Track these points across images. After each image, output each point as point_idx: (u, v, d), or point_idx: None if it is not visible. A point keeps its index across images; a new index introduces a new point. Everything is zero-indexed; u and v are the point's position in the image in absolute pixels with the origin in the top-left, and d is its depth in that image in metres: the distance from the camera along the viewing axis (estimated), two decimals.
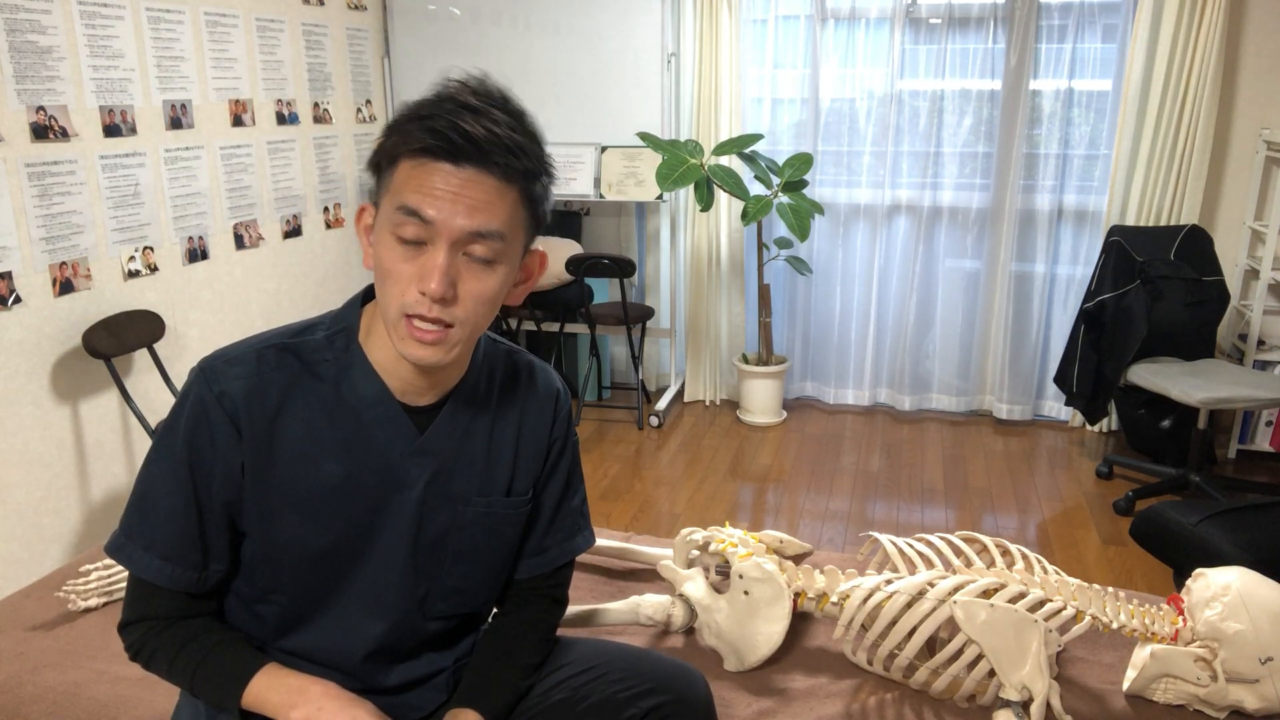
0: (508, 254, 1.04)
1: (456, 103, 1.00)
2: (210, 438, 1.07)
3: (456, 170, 0.98)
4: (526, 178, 1.02)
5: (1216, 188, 3.78)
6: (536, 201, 1.06)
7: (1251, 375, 3.24)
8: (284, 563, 1.12)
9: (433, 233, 0.99)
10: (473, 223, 0.99)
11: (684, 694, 1.21)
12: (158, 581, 1.08)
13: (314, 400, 1.10)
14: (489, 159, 0.99)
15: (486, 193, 0.99)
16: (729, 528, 1.80)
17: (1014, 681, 1.50)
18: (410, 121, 1.00)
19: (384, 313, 1.04)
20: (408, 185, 0.99)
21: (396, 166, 1.01)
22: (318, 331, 1.13)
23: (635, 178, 4.04)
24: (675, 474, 3.63)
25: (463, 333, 1.04)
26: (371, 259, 1.06)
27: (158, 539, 1.08)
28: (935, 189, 4.06)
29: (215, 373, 1.08)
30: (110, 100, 2.79)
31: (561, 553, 1.28)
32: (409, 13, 4.17)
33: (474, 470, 1.17)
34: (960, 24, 3.91)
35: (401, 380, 1.11)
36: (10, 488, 2.55)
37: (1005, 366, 4.12)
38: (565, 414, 1.26)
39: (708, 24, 3.98)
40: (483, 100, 1.01)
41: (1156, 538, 2.38)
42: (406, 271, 1.00)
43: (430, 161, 0.99)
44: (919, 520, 3.24)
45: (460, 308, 1.02)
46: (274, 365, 1.10)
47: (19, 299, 2.54)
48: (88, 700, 1.54)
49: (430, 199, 0.98)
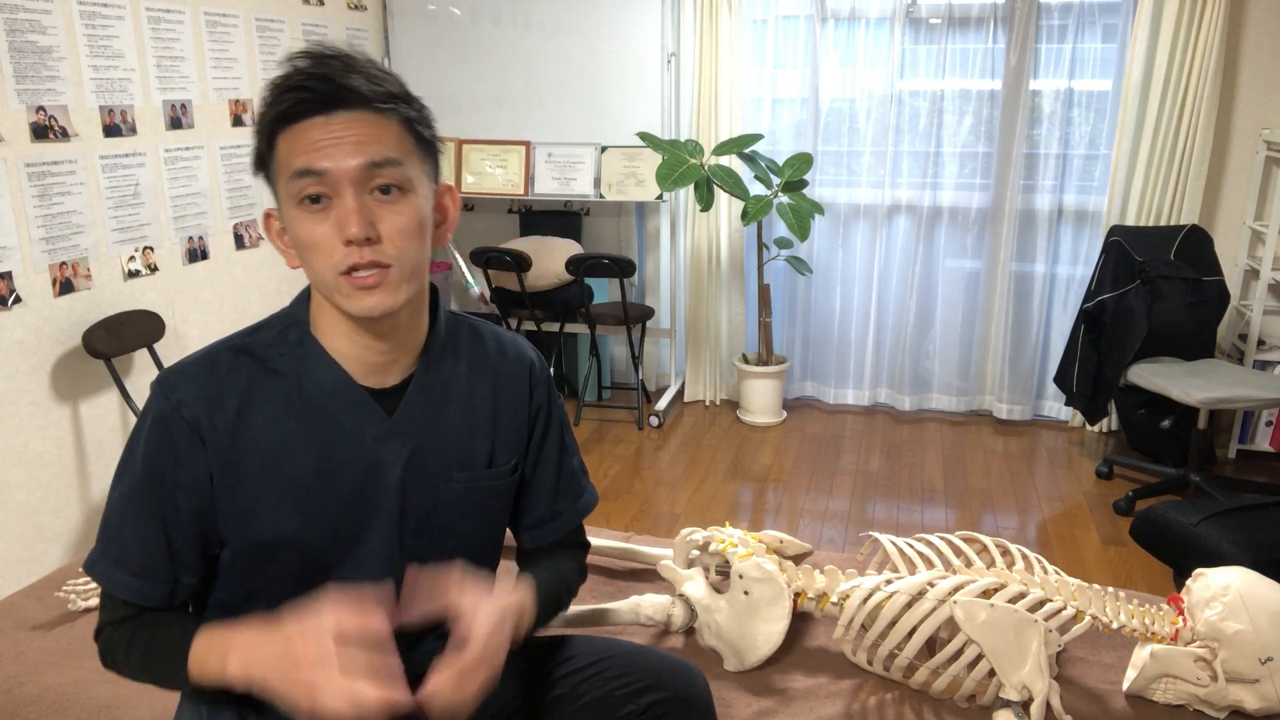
0: (412, 182, 1.04)
1: (304, 62, 1.02)
2: (173, 452, 1.07)
3: (330, 118, 1.00)
4: (397, 101, 1.04)
5: (1216, 188, 3.78)
6: (416, 124, 1.06)
7: (1251, 375, 3.24)
8: (269, 562, 1.11)
9: (332, 184, 1.00)
10: (363, 156, 1.00)
11: (683, 691, 1.21)
12: (127, 598, 1.09)
13: (276, 396, 1.10)
14: (355, 94, 1.00)
15: (366, 126, 1.01)
16: (729, 528, 1.80)
17: (1014, 681, 1.50)
18: (267, 97, 1.02)
19: (321, 286, 1.05)
20: (292, 153, 1.00)
21: (275, 146, 1.02)
22: (269, 329, 1.13)
23: (635, 178, 4.04)
24: (675, 474, 3.63)
25: (400, 270, 1.03)
26: (294, 257, 1.06)
27: (126, 556, 1.08)
28: (935, 189, 4.06)
29: (171, 384, 1.08)
30: (110, 100, 2.79)
31: (575, 513, 1.31)
32: (409, 13, 4.17)
33: (450, 446, 1.17)
34: (960, 24, 3.91)
35: (361, 362, 1.11)
36: (10, 488, 2.55)
37: (1005, 366, 4.12)
38: (543, 382, 1.26)
39: (708, 24, 3.98)
40: (326, 52, 1.03)
41: (1156, 538, 2.38)
42: (325, 233, 1.01)
43: (301, 122, 1.00)
44: (919, 520, 3.24)
45: (388, 245, 1.02)
46: (230, 367, 1.10)
47: (19, 299, 2.54)
48: (88, 700, 1.54)
49: (317, 153, 0.99)
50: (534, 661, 1.27)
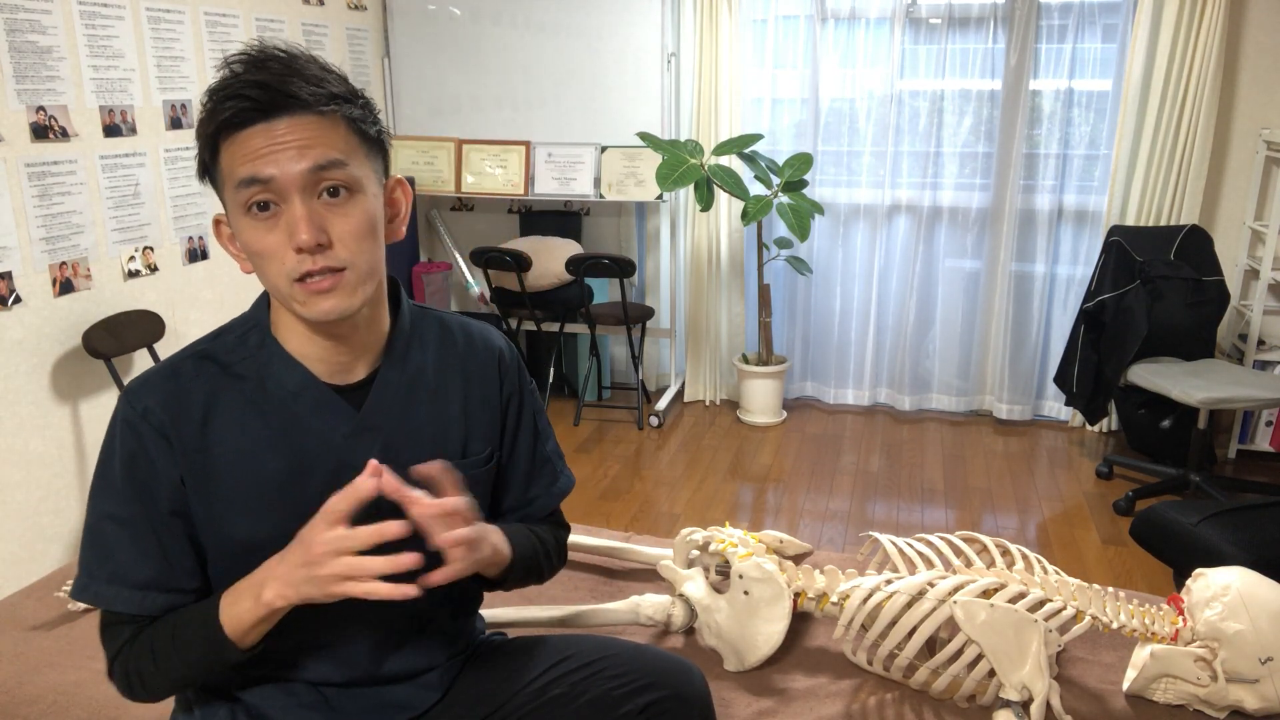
0: (359, 182, 1.03)
1: (240, 67, 1.00)
2: (147, 456, 1.06)
3: (272, 124, 0.99)
4: (338, 100, 1.02)
5: (1216, 188, 3.78)
6: (360, 122, 1.05)
7: (1251, 375, 3.24)
8: (245, 566, 1.10)
9: (279, 190, 0.99)
10: (308, 161, 0.99)
11: (681, 689, 1.21)
12: (130, 610, 1.06)
13: (241, 400, 1.09)
14: (294, 98, 0.99)
15: (309, 130, 1.00)
16: (729, 528, 1.80)
17: (1014, 681, 1.50)
18: (207, 106, 1.00)
19: (276, 293, 1.04)
20: (235, 161, 1.00)
21: (219, 156, 1.01)
22: (230, 334, 1.13)
23: (635, 178, 4.04)
24: (675, 474, 3.63)
25: (355, 274, 1.03)
26: (245, 262, 1.06)
27: (121, 571, 1.06)
28: (935, 189, 4.06)
29: (135, 394, 1.08)
30: (110, 100, 2.79)
31: (550, 497, 1.31)
32: (409, 13, 4.17)
33: (423, 438, 1.16)
34: (960, 24, 3.91)
35: (323, 362, 1.11)
36: (10, 488, 2.55)
37: (1005, 366, 4.12)
38: (513, 368, 1.26)
39: (708, 24, 3.98)
40: (264, 55, 1.01)
41: (1156, 538, 2.38)
42: (275, 241, 1.00)
43: (243, 130, 0.99)
44: (919, 520, 3.24)
45: (340, 249, 1.01)
46: (192, 374, 1.09)
47: (19, 299, 2.54)
48: (88, 700, 1.54)
49: (260, 160, 0.98)
50: (533, 660, 1.26)
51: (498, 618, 1.72)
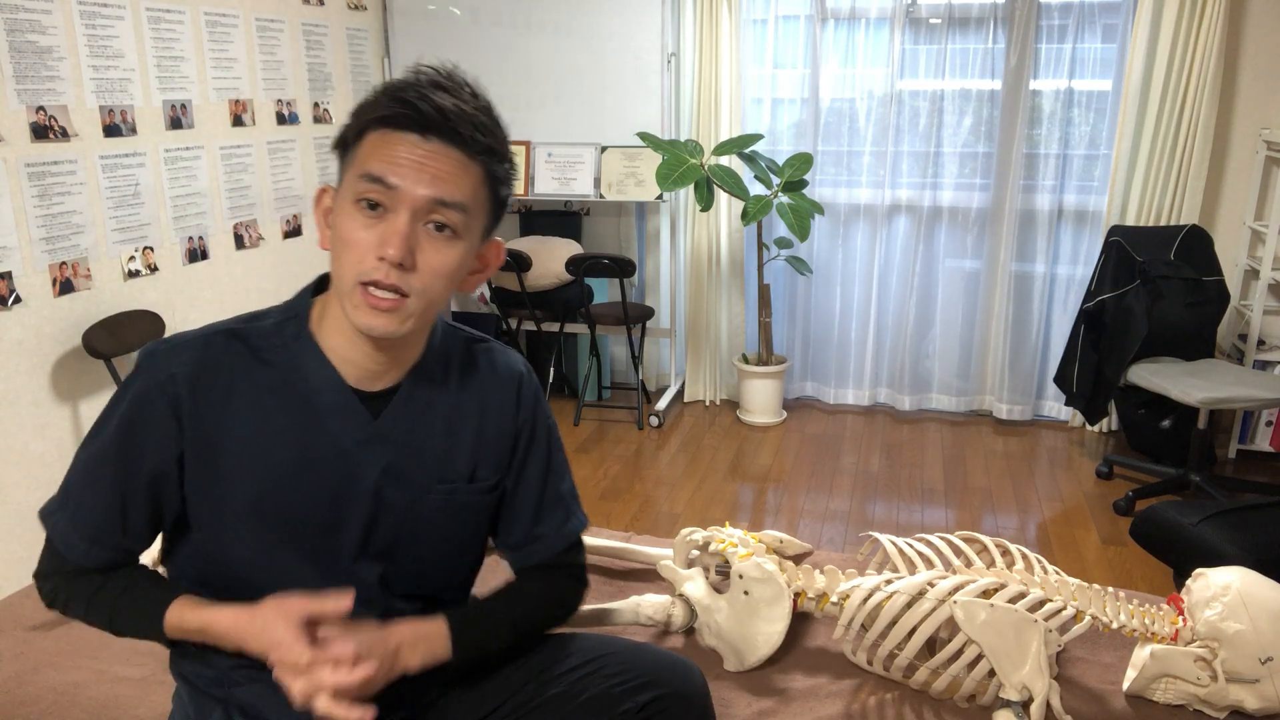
0: (468, 229, 1.05)
1: (426, 79, 1.03)
2: (146, 429, 1.08)
3: (423, 141, 1.01)
4: (490, 155, 1.05)
5: (1216, 188, 3.78)
6: (498, 182, 1.07)
7: (1251, 375, 3.24)
8: (233, 546, 1.12)
9: (395, 199, 1.01)
10: (436, 191, 1.01)
11: (681, 688, 1.21)
12: (72, 557, 1.11)
13: (262, 387, 1.10)
14: (455, 132, 1.01)
15: (451, 165, 1.02)
16: (729, 528, 1.80)
17: (1014, 681, 1.50)
18: (381, 95, 1.03)
19: (339, 284, 1.05)
20: (374, 155, 1.01)
21: (363, 140, 1.03)
22: (267, 319, 1.14)
23: (635, 178, 4.04)
24: (675, 474, 3.63)
25: (418, 304, 1.04)
26: (328, 239, 1.07)
27: (80, 518, 1.11)
28: (935, 189, 4.06)
29: (160, 357, 1.09)
30: (110, 100, 2.79)
31: (558, 538, 1.27)
32: (409, 13, 4.17)
33: (432, 456, 1.17)
34: (960, 24, 3.91)
35: (355, 365, 1.11)
36: (10, 488, 2.55)
37: (1005, 366, 4.12)
38: (531, 397, 1.25)
39: (708, 24, 3.98)
40: (452, 82, 1.04)
41: (1156, 538, 2.38)
42: (365, 239, 1.02)
43: (398, 132, 1.01)
44: (919, 520, 3.24)
45: (417, 278, 1.03)
46: (221, 349, 1.10)
47: (19, 299, 2.54)
48: (88, 700, 1.54)
49: (395, 166, 1.00)
50: (532, 659, 1.26)
51: None
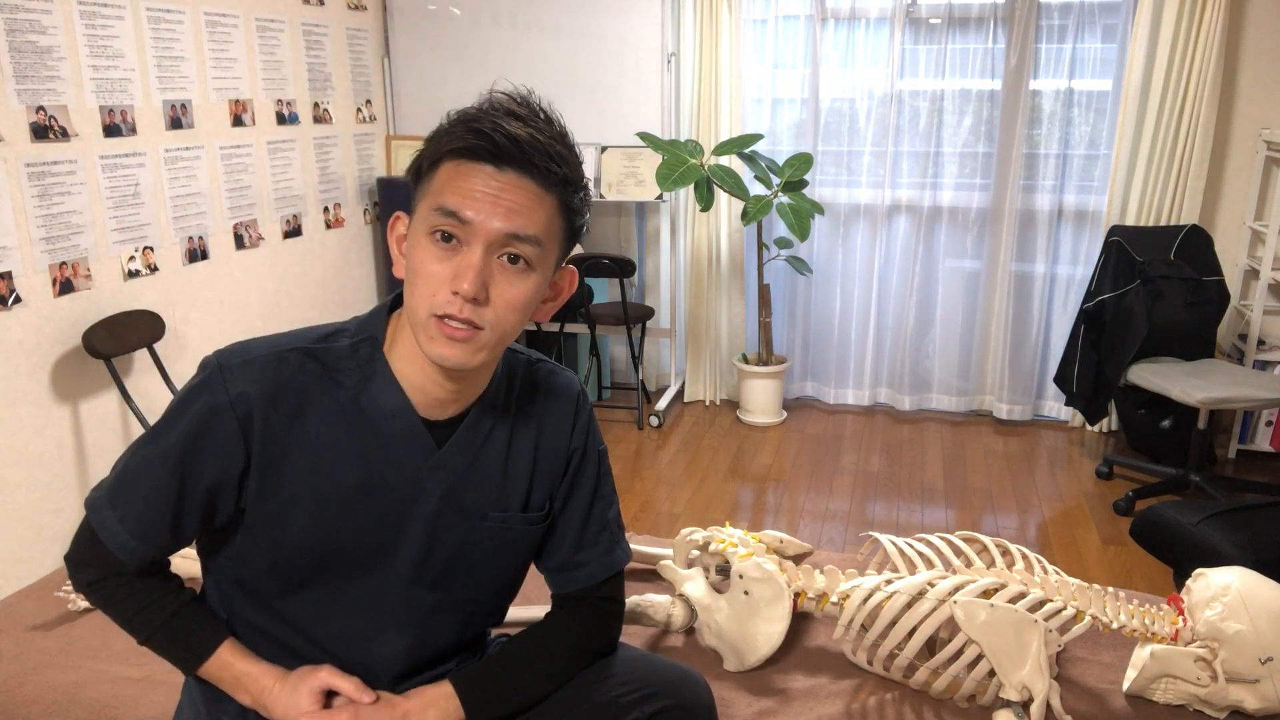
0: (542, 262, 1.04)
1: (502, 109, 1.02)
2: (213, 443, 1.06)
3: (497, 173, 1.00)
4: (566, 186, 1.03)
5: (1216, 188, 3.78)
6: (574, 213, 1.06)
7: (1251, 375, 3.24)
8: (292, 568, 1.12)
9: (469, 233, 1.00)
10: (510, 225, 1.00)
11: (686, 699, 1.21)
12: (119, 555, 1.10)
13: (333, 408, 1.09)
14: (530, 163, 1.00)
15: (526, 197, 1.00)
16: (729, 528, 1.80)
17: (1014, 681, 1.50)
18: (455, 124, 1.01)
19: (411, 315, 1.04)
20: (448, 187, 1.00)
21: (438, 170, 1.02)
22: (343, 338, 1.12)
23: (635, 178, 4.04)
24: (675, 474, 3.63)
25: (492, 336, 1.03)
26: (402, 266, 1.06)
27: (131, 516, 1.09)
28: (935, 189, 4.06)
29: (234, 372, 1.06)
30: (110, 100, 2.79)
31: (601, 568, 1.25)
32: (409, 13, 4.17)
33: (490, 485, 1.16)
34: (960, 24, 3.91)
35: (425, 394, 1.10)
36: (10, 488, 2.55)
37: (1005, 366, 4.12)
38: (585, 420, 1.24)
39: (708, 24, 3.98)
40: (526, 110, 1.04)
41: (1156, 538, 2.38)
42: (439, 272, 1.00)
43: (472, 163, 1.00)
44: (919, 520, 3.24)
45: (491, 311, 1.02)
46: (295, 368, 1.09)
47: (19, 299, 2.54)
48: (88, 700, 1.54)
49: (469, 200, 0.99)
50: None
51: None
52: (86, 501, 1.12)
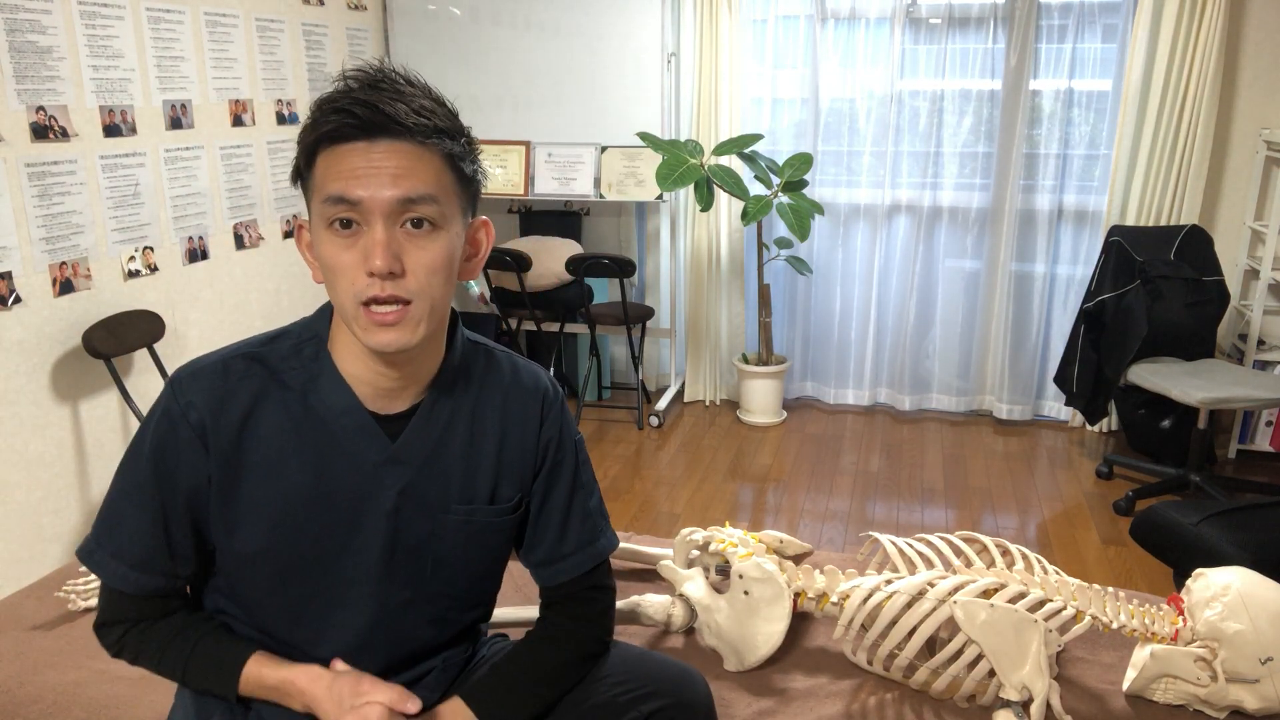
0: (445, 218, 1.03)
1: (355, 83, 1.01)
2: (176, 453, 1.07)
3: (371, 145, 0.99)
4: (441, 135, 1.02)
5: (1216, 188, 3.78)
6: (459, 159, 1.04)
7: (1251, 375, 3.24)
8: (255, 575, 1.11)
9: (364, 212, 0.99)
10: (400, 190, 0.99)
11: (685, 697, 1.21)
12: (125, 589, 1.10)
13: (281, 410, 1.09)
14: (399, 124, 0.99)
15: (406, 158, 0.99)
16: (729, 528, 1.80)
17: (1014, 681, 1.50)
18: (315, 113, 1.01)
19: (342, 312, 1.04)
20: (328, 175, 1.00)
21: (315, 164, 1.01)
22: (287, 340, 1.12)
23: (635, 178, 4.04)
24: (675, 474, 3.63)
25: (422, 308, 1.02)
26: (318, 270, 1.05)
27: (125, 548, 1.09)
28: (935, 189, 4.06)
29: (182, 385, 1.08)
30: (110, 100, 2.79)
31: (585, 558, 1.24)
32: (409, 13, 4.17)
33: (452, 477, 1.15)
34: (960, 24, 3.91)
35: (371, 386, 1.10)
36: (10, 488, 2.55)
37: (1005, 366, 4.12)
38: (556, 413, 1.22)
39: (708, 24, 3.98)
40: (380, 75, 1.02)
41: (1156, 538, 2.37)
42: (350, 260, 1.00)
43: (343, 145, 0.99)
44: (919, 520, 3.24)
45: (411, 280, 1.01)
46: (241, 374, 1.09)
47: (19, 299, 2.54)
48: (88, 700, 1.54)
49: (353, 180, 0.98)
50: None
51: (498, 619, 1.72)
52: (78, 553, 1.12)
